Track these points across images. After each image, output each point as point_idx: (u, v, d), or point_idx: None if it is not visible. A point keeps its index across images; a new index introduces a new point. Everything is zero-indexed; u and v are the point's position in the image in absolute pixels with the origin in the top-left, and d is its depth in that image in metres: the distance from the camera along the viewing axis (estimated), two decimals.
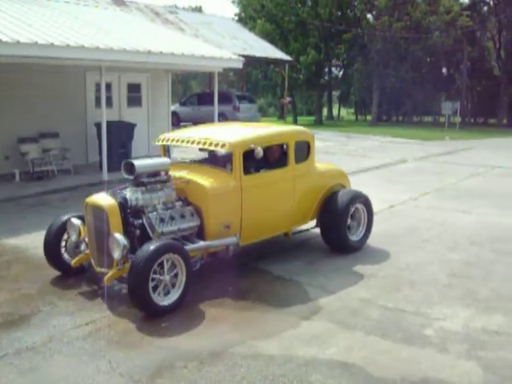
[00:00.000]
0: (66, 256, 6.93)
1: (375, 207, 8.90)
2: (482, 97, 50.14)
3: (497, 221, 10.09)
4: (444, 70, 50.76)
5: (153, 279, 5.72)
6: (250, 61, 32.46)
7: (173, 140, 7.46)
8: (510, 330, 5.49)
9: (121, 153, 14.50)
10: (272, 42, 38.14)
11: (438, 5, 42.58)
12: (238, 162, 6.80)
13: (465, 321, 5.69)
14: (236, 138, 7.02)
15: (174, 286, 5.96)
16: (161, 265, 5.79)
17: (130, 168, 6.42)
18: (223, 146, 6.80)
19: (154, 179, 6.61)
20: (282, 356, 4.95)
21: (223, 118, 28.86)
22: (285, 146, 7.73)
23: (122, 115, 16.58)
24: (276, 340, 5.23)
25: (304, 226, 8.28)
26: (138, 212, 6.39)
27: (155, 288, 5.78)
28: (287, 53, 36.92)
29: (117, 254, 5.90)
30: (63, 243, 6.93)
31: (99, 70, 13.12)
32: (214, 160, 7.78)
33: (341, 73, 49.84)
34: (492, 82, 49.29)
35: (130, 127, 15.04)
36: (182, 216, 6.53)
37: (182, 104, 32.37)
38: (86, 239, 6.62)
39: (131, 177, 6.47)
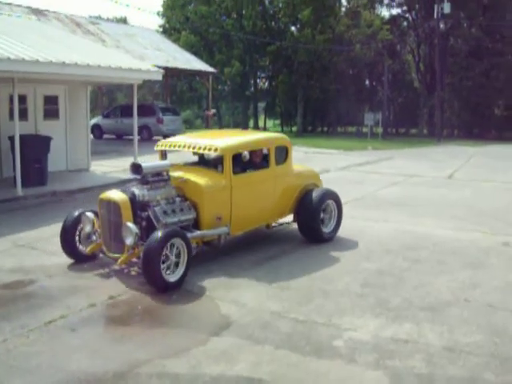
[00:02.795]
0: (79, 246, 7.87)
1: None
2: (403, 108, 51.65)
3: (410, 229, 10.29)
4: (367, 82, 52.05)
5: (162, 259, 6.70)
6: (175, 72, 32.27)
7: (170, 145, 8.63)
8: (418, 338, 5.55)
9: (37, 167, 14.02)
10: (196, 53, 38.07)
11: (360, 19, 43.64)
12: (228, 163, 7.96)
13: (374, 330, 5.71)
14: (226, 143, 8.19)
15: (177, 266, 6.95)
16: (168, 248, 6.79)
17: (137, 169, 7.60)
18: (215, 150, 7.98)
19: (157, 178, 7.76)
20: (189, 374, 4.81)
21: (147, 130, 28.55)
22: (267, 150, 8.89)
23: (39, 128, 16.04)
24: (184, 358, 5.08)
25: (282, 221, 9.44)
26: (144, 206, 7.48)
27: (163, 267, 6.73)
28: (212, 64, 36.89)
29: (129, 240, 6.97)
30: (77, 235, 7.86)
31: (12, 82, 12.65)
32: (206, 162, 9.06)
33: (266, 84, 50.18)
34: (412, 93, 50.92)
35: (46, 140, 14.54)
36: (181, 209, 7.67)
37: (105, 116, 31.81)
38: (99, 230, 7.61)
39: (138, 176, 7.65)
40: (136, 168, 7.64)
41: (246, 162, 8.37)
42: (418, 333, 5.67)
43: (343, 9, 47.04)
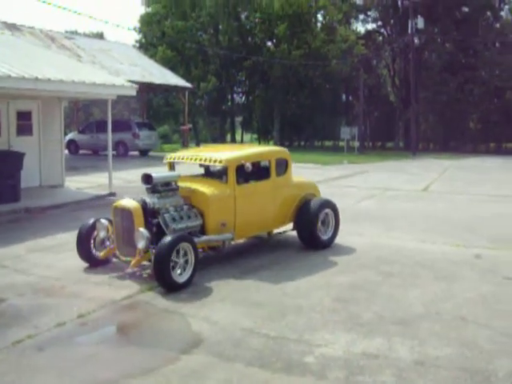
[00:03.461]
0: (94, 251, 8.43)
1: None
2: (379, 122, 52.15)
3: (385, 242, 10.33)
4: (343, 97, 52.43)
5: (172, 262, 7.26)
6: (151, 87, 32.22)
7: (178, 158, 9.31)
8: (388, 352, 5.53)
9: (9, 184, 13.84)
10: (173, 68, 38.04)
11: (336, 34, 44.01)
12: (231, 174, 8.59)
13: (346, 346, 5.68)
14: (230, 155, 8.89)
15: (185, 268, 7.52)
16: (177, 251, 7.36)
17: (148, 179, 8.22)
18: (220, 161, 8.65)
19: (166, 188, 8.36)
20: None
21: (123, 145, 28.45)
22: (268, 163, 9.47)
23: (11, 144, 15.86)
24: (152, 377, 5.01)
25: (283, 229, 9.98)
26: (155, 213, 8.08)
27: (173, 269, 7.30)
28: (188, 79, 36.91)
29: (141, 244, 7.53)
30: (92, 240, 8.42)
31: None
32: (211, 174, 9.69)
33: (243, 99, 50.30)
34: (388, 107, 51.41)
35: (19, 156, 14.36)
36: (189, 216, 8.27)
37: (81, 132, 31.70)
38: (113, 236, 8.17)
39: (149, 186, 8.26)
40: (147, 178, 8.28)
41: (249, 173, 8.80)
42: (389, 347, 5.66)
43: (319, 24, 47.41)
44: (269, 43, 45.21)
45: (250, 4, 43.59)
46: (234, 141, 48.48)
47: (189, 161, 9.12)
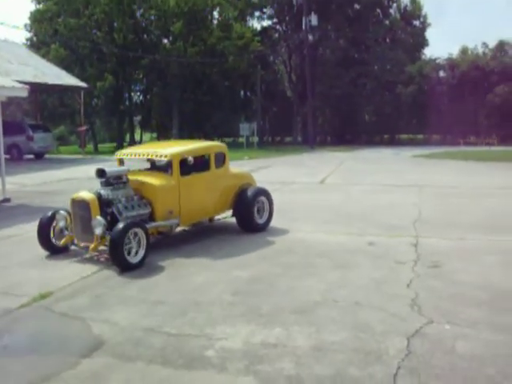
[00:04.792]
0: (54, 240, 9.24)
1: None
2: (277, 117, 53.10)
3: (284, 235, 10.59)
4: (241, 93, 52.89)
5: (125, 245, 8.15)
6: (44, 88, 31.23)
7: (127, 154, 10.33)
8: (286, 341, 5.71)
9: None
10: (67, 68, 37.02)
11: (231, 31, 44.30)
12: (176, 167, 9.61)
13: (245, 337, 5.81)
14: (174, 150, 9.89)
15: (137, 251, 8.42)
16: (129, 236, 8.26)
17: (102, 173, 9.13)
18: (165, 156, 9.67)
19: (118, 181, 9.31)
20: None
21: (16, 149, 27.46)
22: (208, 156, 10.51)
23: None
24: (51, 383, 4.93)
25: (223, 215, 11.28)
26: (109, 203, 9.02)
27: (128, 252, 8.23)
28: (84, 79, 36.04)
29: (98, 230, 8.47)
30: (52, 230, 9.21)
31: None
32: (157, 168, 10.64)
33: (141, 98, 49.69)
34: (286, 102, 52.37)
35: None
36: (139, 206, 9.29)
37: None
38: (71, 225, 9.05)
39: (103, 179, 9.18)
40: (101, 172, 9.16)
41: (191, 165, 9.75)
42: (288, 336, 5.83)
43: (215, 21, 47.54)
44: (165, 41, 44.87)
45: (145, 1, 43.10)
46: (133, 140, 47.73)
47: (137, 157, 10.09)
